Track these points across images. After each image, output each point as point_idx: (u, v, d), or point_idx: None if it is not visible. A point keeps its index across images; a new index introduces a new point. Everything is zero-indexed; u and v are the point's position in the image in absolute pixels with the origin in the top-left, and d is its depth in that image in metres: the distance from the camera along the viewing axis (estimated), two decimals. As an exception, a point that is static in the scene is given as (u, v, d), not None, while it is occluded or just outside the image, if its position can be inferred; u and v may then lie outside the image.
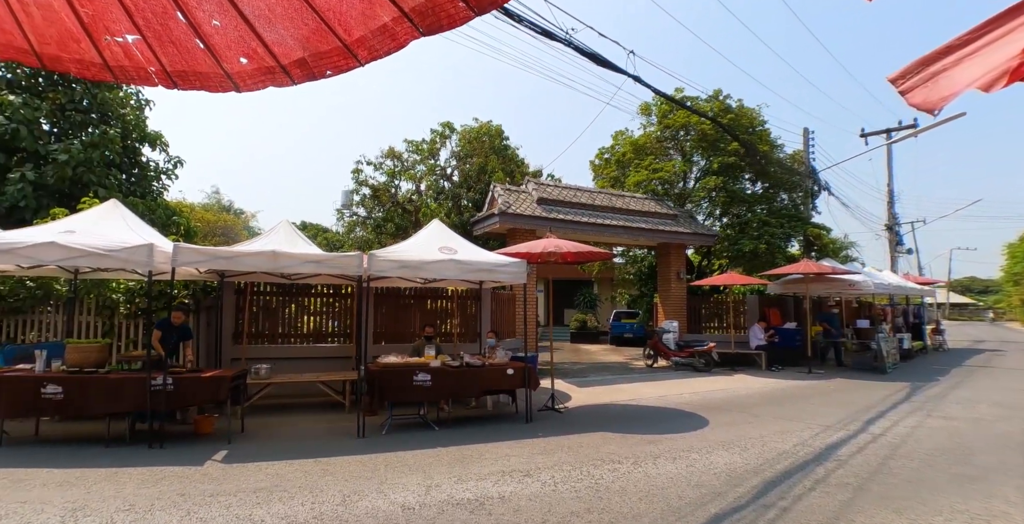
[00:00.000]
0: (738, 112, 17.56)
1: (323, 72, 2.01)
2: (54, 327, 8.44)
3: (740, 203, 17.43)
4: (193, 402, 6.71)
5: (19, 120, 10.55)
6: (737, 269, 16.45)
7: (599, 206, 14.35)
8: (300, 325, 9.69)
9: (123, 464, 5.65)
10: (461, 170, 16.92)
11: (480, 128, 18.45)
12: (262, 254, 6.61)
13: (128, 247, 6.17)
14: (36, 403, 6.16)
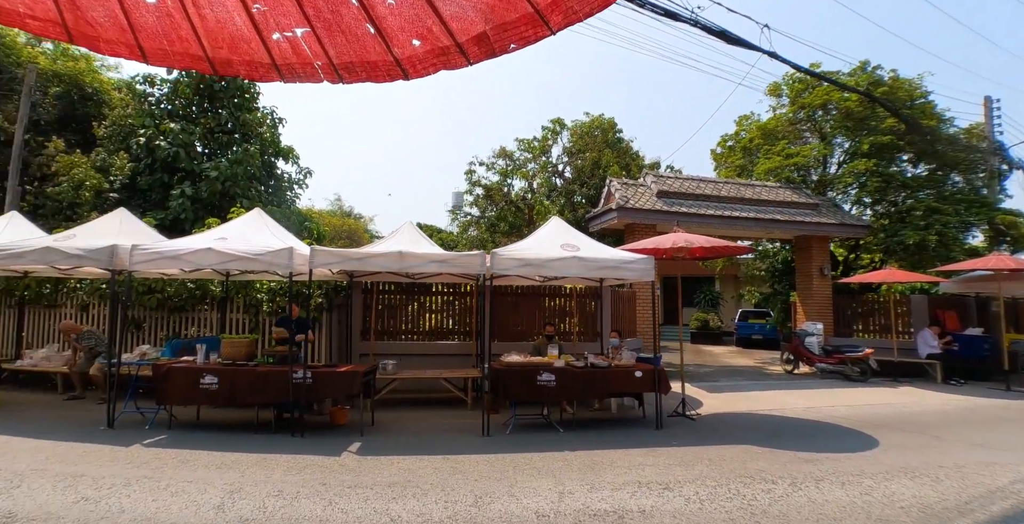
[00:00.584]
0: (892, 85, 15.23)
1: (505, 46, 1.81)
2: (210, 323, 9.52)
3: (898, 189, 15.07)
4: (329, 395, 7.13)
5: (178, 144, 12.18)
6: (895, 264, 14.25)
7: (726, 197, 13.24)
8: (421, 323, 10.00)
9: (270, 450, 6.07)
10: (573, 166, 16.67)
11: (592, 122, 18.15)
12: (389, 254, 6.83)
13: (271, 251, 6.73)
14: (196, 392, 6.89)
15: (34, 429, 6.71)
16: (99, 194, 11.80)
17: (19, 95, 13.82)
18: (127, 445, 6.24)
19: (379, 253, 6.94)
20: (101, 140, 13.08)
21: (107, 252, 6.97)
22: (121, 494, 4.77)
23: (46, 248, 7.11)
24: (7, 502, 4.55)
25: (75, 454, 5.86)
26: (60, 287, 9.79)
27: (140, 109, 12.85)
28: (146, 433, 6.75)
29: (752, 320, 19.04)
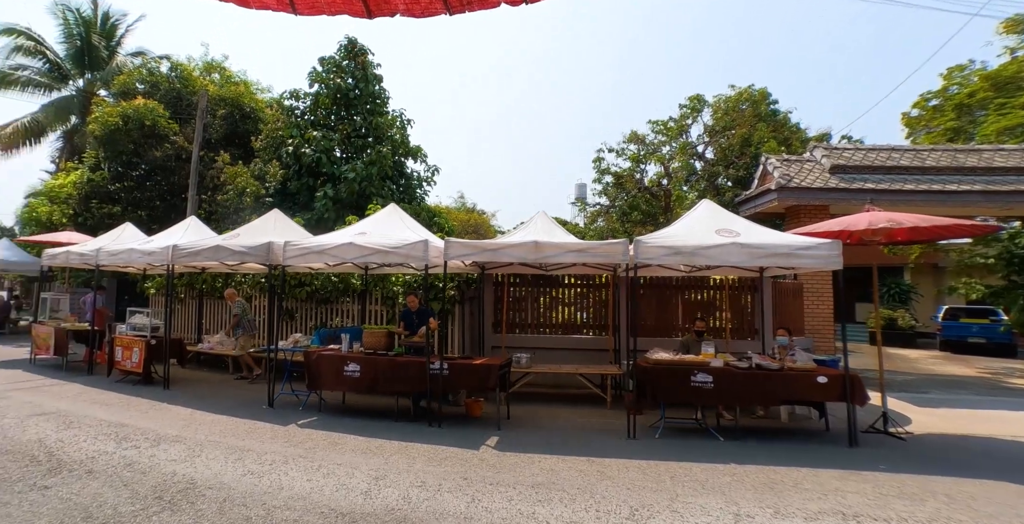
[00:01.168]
0: None
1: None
2: (351, 314, 10.10)
3: None
4: (465, 387, 7.06)
5: (320, 150, 13.25)
6: None
7: (934, 168, 10.76)
8: (552, 316, 9.68)
9: (411, 439, 6.11)
10: (716, 146, 15.15)
11: (738, 95, 16.50)
12: (524, 245, 6.58)
13: (408, 244, 6.85)
14: (341, 378, 7.22)
15: (212, 405, 7.53)
16: (257, 199, 13.32)
17: (195, 119, 16.19)
18: (284, 424, 6.69)
19: (514, 243, 6.71)
20: (258, 152, 14.81)
21: (264, 248, 7.60)
22: (280, 471, 5.02)
23: (216, 246, 7.97)
24: (189, 469, 5.01)
25: (243, 430, 6.39)
26: (229, 281, 11.08)
27: (288, 121, 14.32)
28: (300, 414, 7.23)
29: (966, 319, 15.70)
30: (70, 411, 6.98)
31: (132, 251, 8.88)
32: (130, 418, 6.77)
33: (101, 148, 14.83)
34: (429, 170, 14.78)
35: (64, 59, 20.04)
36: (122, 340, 8.91)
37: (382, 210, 8.42)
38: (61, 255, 10.03)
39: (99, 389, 8.36)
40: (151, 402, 7.63)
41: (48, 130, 19.49)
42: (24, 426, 6.24)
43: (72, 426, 6.30)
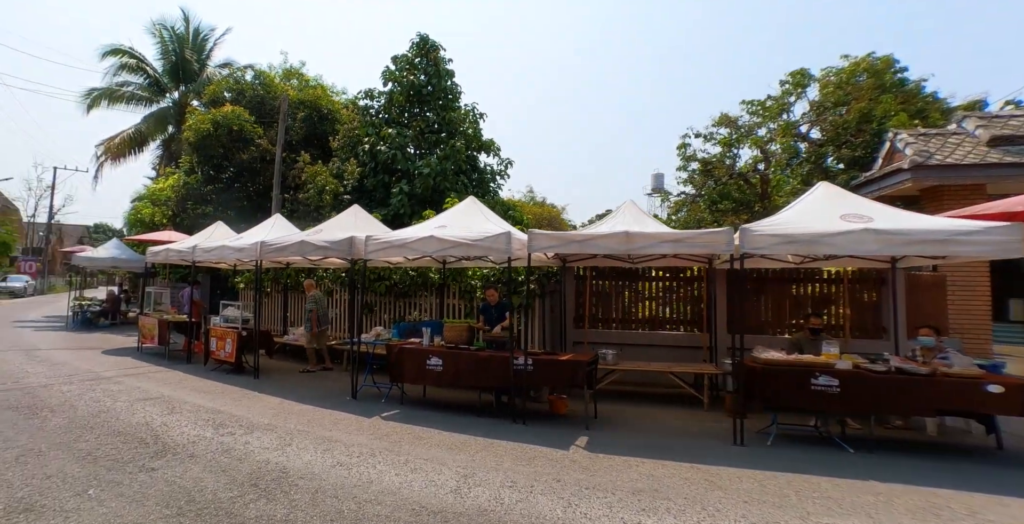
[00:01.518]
0: None
1: None
2: (429, 308, 10.10)
3: None
4: (550, 383, 6.77)
5: (395, 147, 13.43)
6: None
7: None
8: (637, 310, 9.19)
9: (495, 436, 5.91)
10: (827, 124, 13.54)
11: (855, 66, 14.74)
12: (614, 236, 6.18)
13: (490, 236, 6.66)
14: (423, 372, 7.16)
15: (298, 395, 7.71)
16: (336, 197, 13.76)
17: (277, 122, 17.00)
18: (369, 416, 6.70)
19: (603, 234, 6.31)
20: (335, 151, 15.32)
21: (347, 243, 7.68)
22: (368, 464, 4.96)
23: (301, 242, 8.16)
24: (281, 458, 5.05)
25: (329, 420, 6.45)
26: (311, 276, 11.45)
27: (363, 120, 14.68)
28: (382, 406, 7.23)
29: None
30: (172, 397, 7.36)
31: (224, 248, 9.31)
32: (225, 405, 7.03)
33: (194, 153, 15.97)
34: (502, 163, 14.69)
35: (161, 74, 21.85)
36: (216, 331, 9.38)
37: (461, 203, 8.30)
38: (162, 252, 10.75)
39: (197, 377, 8.83)
40: (243, 391, 7.93)
41: (149, 139, 21.36)
42: (133, 410, 6.62)
43: (175, 411, 6.62)
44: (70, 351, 11.23)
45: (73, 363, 9.74)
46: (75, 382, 8.14)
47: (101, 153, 20.88)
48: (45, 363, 9.65)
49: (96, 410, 6.58)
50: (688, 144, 16.08)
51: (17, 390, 7.49)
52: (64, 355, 10.66)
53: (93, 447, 5.20)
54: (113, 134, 20.98)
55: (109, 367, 9.46)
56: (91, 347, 11.90)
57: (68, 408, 6.63)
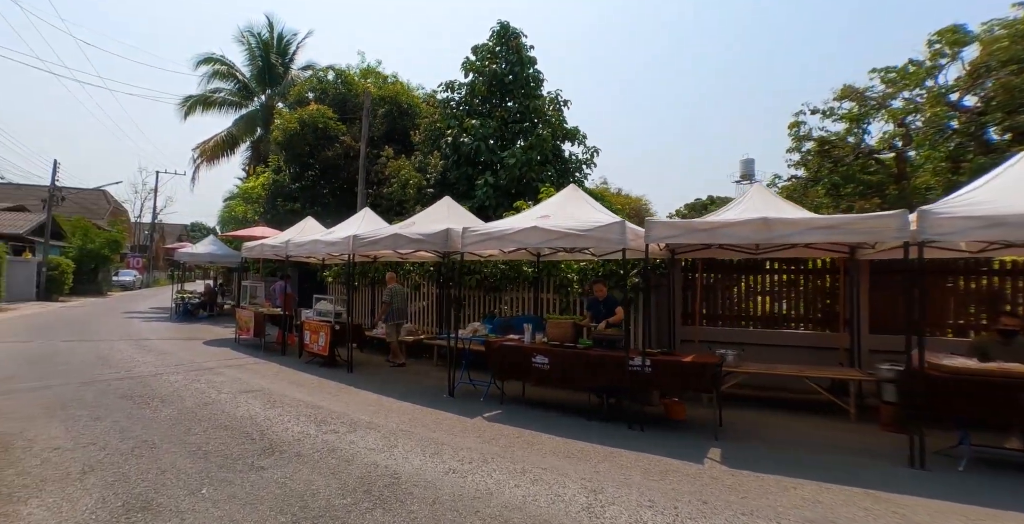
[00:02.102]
0: None
1: None
2: (520, 303, 9.58)
3: None
4: (670, 387, 6.05)
5: (479, 138, 13.00)
6: None
7: None
8: (754, 306, 8.21)
9: (614, 443, 5.30)
10: (998, 87, 10.86)
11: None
12: (750, 223, 5.34)
13: (601, 225, 6.03)
14: (527, 370, 6.64)
15: (394, 391, 7.41)
16: (419, 190, 13.57)
17: (358, 119, 17.11)
18: (471, 416, 6.25)
19: (735, 222, 5.48)
20: (417, 145, 15.18)
21: (442, 236, 7.28)
22: (483, 472, 4.48)
23: (395, 235, 7.85)
24: (390, 461, 4.66)
25: (431, 420, 6.04)
26: (398, 269, 11.25)
27: (444, 113, 14.40)
28: (483, 405, 6.79)
29: None
30: (272, 390, 7.25)
31: (316, 242, 9.21)
32: (323, 400, 6.81)
33: (282, 152, 16.38)
34: (587, 152, 13.92)
35: (249, 79, 22.79)
36: (310, 325, 9.31)
37: (560, 192, 7.69)
38: (257, 247, 10.89)
39: (292, 369, 8.77)
40: (339, 385, 7.73)
41: (239, 141, 22.36)
42: (237, 402, 6.52)
43: (276, 405, 6.45)
44: (175, 341, 11.66)
45: (178, 353, 10.02)
46: (181, 372, 8.26)
47: (197, 156, 22.14)
48: (153, 352, 9.99)
49: (202, 401, 6.53)
50: (802, 122, 14.27)
51: (130, 379, 7.65)
52: (169, 345, 11.05)
53: (203, 441, 5.03)
54: (207, 138, 22.19)
55: (210, 358, 9.64)
56: (193, 337, 12.35)
57: (176, 399, 6.62)
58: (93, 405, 6.20)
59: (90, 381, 7.44)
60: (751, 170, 29.06)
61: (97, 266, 27.93)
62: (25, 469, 4.25)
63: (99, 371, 8.15)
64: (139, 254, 39.57)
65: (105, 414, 5.84)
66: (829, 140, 13.82)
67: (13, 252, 20.71)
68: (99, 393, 6.76)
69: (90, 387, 7.08)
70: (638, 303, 8.11)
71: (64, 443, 4.89)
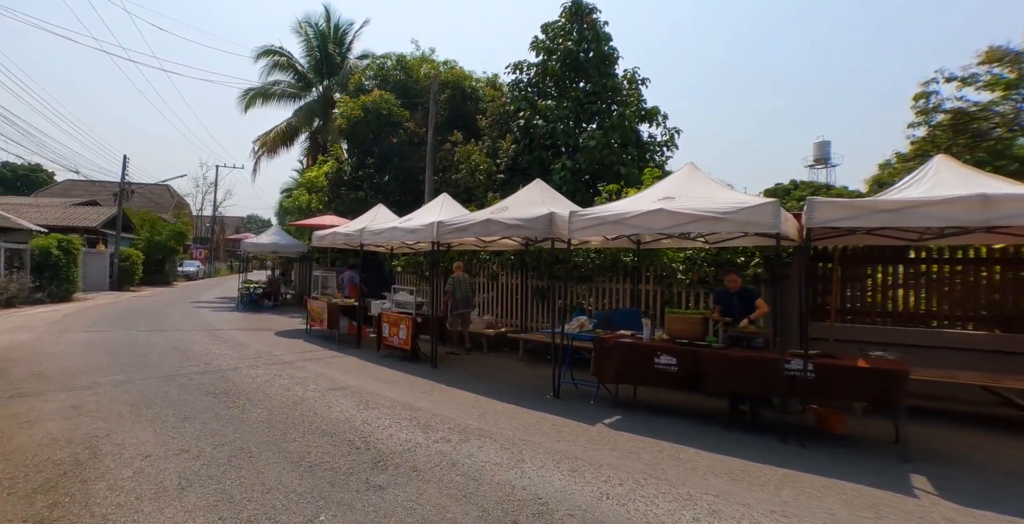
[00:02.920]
0: None
1: None
2: (612, 294, 8.62)
3: None
4: (839, 396, 5.00)
5: (553, 120, 12.00)
6: None
7: None
8: (896, 301, 6.95)
9: (780, 462, 4.35)
10: None
11: None
12: (962, 201, 4.20)
13: (748, 207, 5.01)
14: (650, 372, 5.72)
15: (490, 389, 6.63)
16: (490, 176, 12.73)
17: (420, 105, 16.37)
18: (590, 423, 5.41)
19: (940, 200, 4.31)
20: (483, 129, 14.35)
21: (544, 221, 6.42)
22: (641, 497, 3.63)
23: (487, 221, 7.02)
24: (524, 480, 3.84)
25: (546, 426, 5.19)
26: (473, 259, 10.47)
27: (514, 95, 13.46)
28: (595, 409, 5.96)
29: None
30: (360, 388, 6.55)
31: (395, 229, 8.49)
32: (418, 400, 6.06)
33: (345, 139, 15.83)
34: (668, 133, 12.70)
35: (307, 69, 22.38)
36: (389, 316, 8.61)
37: (680, 171, 6.64)
38: (328, 236, 10.29)
39: (373, 364, 8.10)
40: (429, 382, 6.98)
41: (299, 133, 22.02)
42: (327, 402, 5.83)
43: (370, 406, 5.72)
44: (246, 332, 11.24)
45: (253, 345, 9.53)
46: (260, 366, 7.69)
47: (258, 148, 21.97)
48: (228, 344, 9.53)
49: (290, 400, 5.87)
50: (934, 91, 12.34)
51: (211, 373, 7.11)
52: (242, 336, 10.61)
53: (303, 450, 4.32)
54: (267, 130, 21.97)
55: (286, 350, 9.08)
56: (263, 328, 11.93)
57: (262, 396, 5.99)
58: (179, 403, 5.63)
59: (172, 375, 6.93)
60: (826, 153, 26.87)
61: (164, 257, 28.52)
62: (117, 482, 3.62)
63: (179, 363, 7.67)
64: (201, 245, 40.51)
65: (192, 414, 5.23)
66: (967, 111, 11.87)
67: (88, 244, 21.11)
68: (182, 389, 6.21)
69: (172, 382, 6.55)
70: (760, 295, 7.03)
71: (155, 449, 4.26)
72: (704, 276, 7.60)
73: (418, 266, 11.72)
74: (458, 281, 9.19)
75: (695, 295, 7.78)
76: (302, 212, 15.57)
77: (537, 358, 8.85)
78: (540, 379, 7.35)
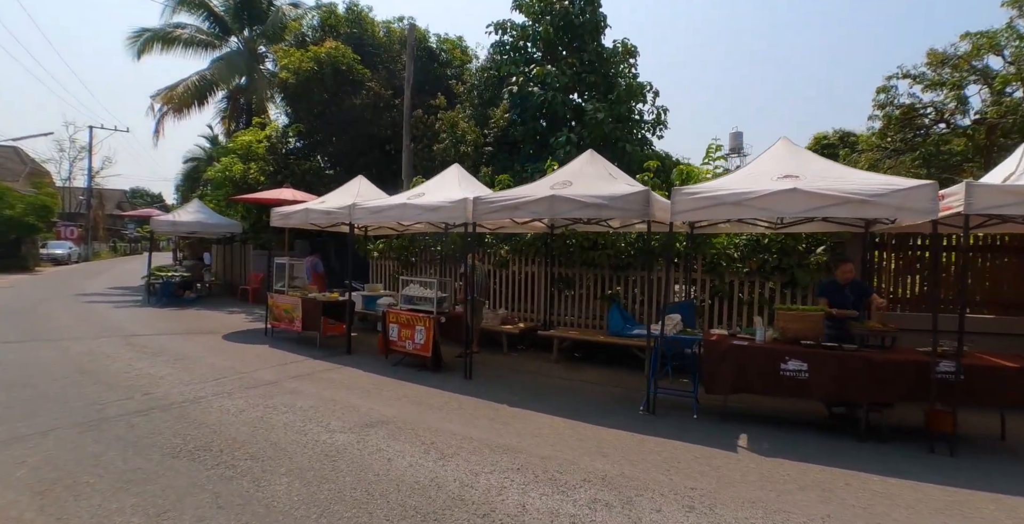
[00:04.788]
0: None
1: None
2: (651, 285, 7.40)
3: None
4: (985, 400, 4.26)
5: (553, 88, 10.35)
6: None
7: None
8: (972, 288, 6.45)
9: (958, 481, 3.59)
10: None
11: None
12: None
13: (902, 189, 4.10)
14: (775, 380, 4.67)
15: (563, 408, 5.12)
16: (477, 148, 10.78)
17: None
18: (729, 448, 4.24)
19: None
20: (460, 96, 12.24)
21: (639, 199, 5.08)
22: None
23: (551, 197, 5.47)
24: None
25: (689, 458, 3.85)
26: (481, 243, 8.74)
27: (500, 59, 11.42)
28: (708, 426, 4.77)
29: None
30: (404, 420, 4.70)
31: (406, 206, 6.52)
32: (498, 434, 4.42)
33: (285, 100, 12.73)
34: (655, 111, 11.58)
35: (224, 12, 17.96)
36: (400, 316, 6.65)
37: (776, 145, 5.45)
38: (297, 214, 7.92)
39: (389, 378, 6.16)
40: (484, 403, 5.30)
41: (215, 89, 17.73)
42: (378, 450, 3.98)
43: (443, 453, 3.97)
44: (180, 337, 8.48)
45: (202, 357, 7.01)
46: (233, 391, 5.45)
47: (162, 105, 17.41)
48: (163, 357, 6.91)
49: (318, 451, 3.93)
50: (891, 87, 12.60)
51: (159, 410, 4.78)
52: (178, 344, 7.91)
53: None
54: (172, 83, 17.46)
55: (256, 363, 6.74)
56: (200, 330, 9.16)
57: (270, 449, 3.96)
58: (131, 479, 3.41)
59: (95, 419, 4.52)
60: (739, 143, 27.95)
61: (20, 236, 22.44)
62: None
63: (98, 396, 5.14)
64: (73, 223, 33.07)
65: (170, 504, 3.08)
66: (915, 108, 12.22)
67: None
68: (126, 446, 3.93)
69: (100, 433, 4.19)
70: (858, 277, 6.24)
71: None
72: (762, 264, 6.64)
73: (402, 251, 9.61)
74: (470, 267, 7.51)
75: (749, 285, 6.81)
76: (235, 185, 12.37)
77: (573, 358, 7.45)
78: (604, 388, 6.03)
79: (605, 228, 7.04)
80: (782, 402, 5.31)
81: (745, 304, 6.80)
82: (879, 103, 12.76)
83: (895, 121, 12.45)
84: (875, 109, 12.80)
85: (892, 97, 12.53)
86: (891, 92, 12.53)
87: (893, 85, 12.52)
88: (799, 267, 6.36)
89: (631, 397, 5.63)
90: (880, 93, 12.71)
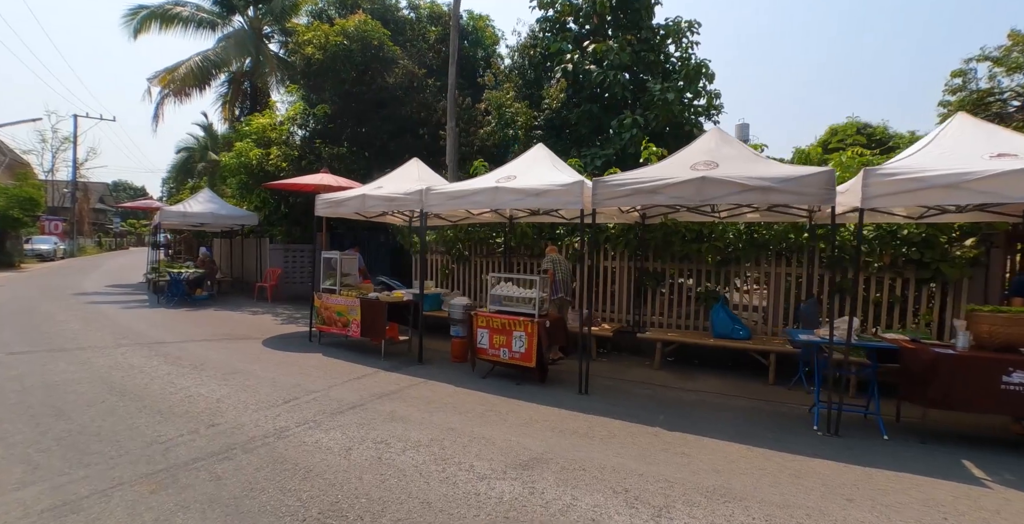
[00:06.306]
0: None
1: None
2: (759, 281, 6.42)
3: None
4: None
5: (613, 67, 9.21)
6: None
7: None
8: None
9: None
10: None
11: None
12: None
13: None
14: (995, 395, 3.78)
15: (722, 431, 4.08)
16: (528, 131, 9.58)
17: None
18: (966, 481, 3.36)
19: None
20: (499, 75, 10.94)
21: (818, 182, 4.18)
22: None
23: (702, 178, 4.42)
24: None
25: (895, 487, 2.88)
26: (543, 234, 7.62)
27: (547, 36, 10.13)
28: (908, 449, 3.80)
29: None
30: (560, 456, 3.63)
31: (499, 190, 5.36)
32: (691, 472, 3.40)
33: (305, 80, 11.17)
34: (707, 95, 10.53)
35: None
36: (491, 320, 5.51)
37: (960, 121, 4.48)
38: (352, 200, 6.65)
39: (495, 395, 5.03)
40: (636, 427, 4.25)
41: (219, 70, 15.84)
42: (561, 502, 2.92)
43: (659, 509, 2.95)
44: (213, 344, 7.15)
45: (253, 371, 5.75)
46: (320, 420, 4.27)
47: (162, 89, 15.47)
48: (208, 372, 5.63)
49: (499, 514, 2.90)
50: (969, 69, 11.70)
51: (241, 451, 3.60)
52: (216, 353, 6.60)
53: None
54: (172, 65, 15.53)
55: (321, 378, 5.51)
56: (233, 335, 7.82)
57: (432, 513, 2.90)
58: None
59: (162, 469, 3.32)
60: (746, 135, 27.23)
61: (4, 231, 20.24)
62: None
63: (153, 432, 3.91)
64: (57, 217, 30.35)
65: None
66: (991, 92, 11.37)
67: None
68: (224, 515, 2.80)
69: (181, 492, 3.04)
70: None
71: None
72: (895, 259, 5.72)
73: (451, 244, 8.39)
74: (556, 261, 6.48)
75: (877, 281, 5.89)
76: (250, 172, 10.85)
77: (670, 363, 6.44)
78: (733, 400, 5.03)
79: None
80: (957, 417, 4.44)
81: (872, 303, 5.89)
82: (951, 88, 11.88)
83: (969, 106, 11.57)
84: (946, 94, 11.93)
85: (970, 79, 11.62)
86: (969, 75, 11.64)
87: (972, 68, 11.63)
88: (944, 261, 5.47)
89: (774, 411, 4.71)
90: (955, 77, 11.83)
